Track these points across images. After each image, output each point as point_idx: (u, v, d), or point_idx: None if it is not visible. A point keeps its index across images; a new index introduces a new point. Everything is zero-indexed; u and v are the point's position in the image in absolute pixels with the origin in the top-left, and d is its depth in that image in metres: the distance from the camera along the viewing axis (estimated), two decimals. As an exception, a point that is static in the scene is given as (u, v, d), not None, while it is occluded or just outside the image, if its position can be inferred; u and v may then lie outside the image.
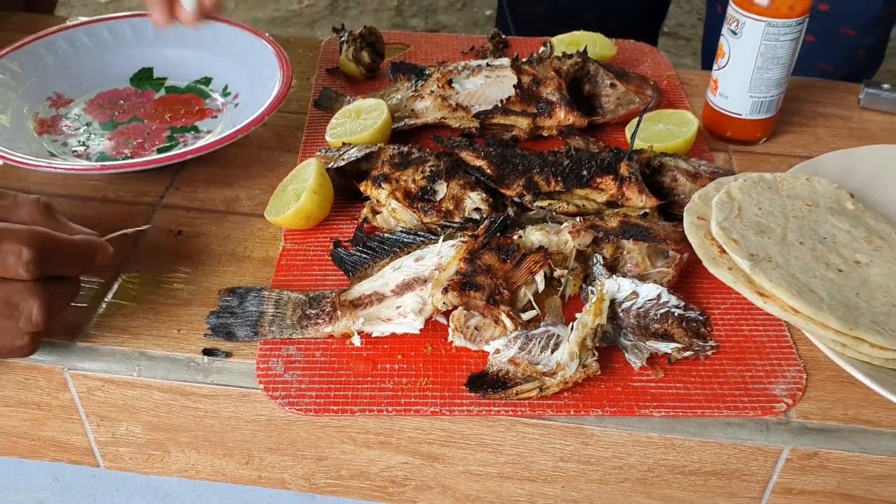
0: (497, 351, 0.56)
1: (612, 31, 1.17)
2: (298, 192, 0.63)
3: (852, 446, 0.55)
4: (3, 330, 0.50)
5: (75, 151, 0.72)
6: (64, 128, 0.75)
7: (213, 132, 0.74)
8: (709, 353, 0.58)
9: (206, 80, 0.81)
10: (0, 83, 0.74)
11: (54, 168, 0.66)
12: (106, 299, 0.60)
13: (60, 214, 0.54)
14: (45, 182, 0.70)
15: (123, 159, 0.71)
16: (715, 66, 0.77)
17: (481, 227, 0.59)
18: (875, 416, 0.56)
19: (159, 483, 0.74)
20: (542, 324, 0.57)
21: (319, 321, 0.57)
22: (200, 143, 0.72)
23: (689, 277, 0.64)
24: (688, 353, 0.58)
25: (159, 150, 0.73)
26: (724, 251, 0.59)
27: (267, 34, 0.82)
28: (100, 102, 0.79)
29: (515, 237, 0.60)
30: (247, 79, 0.79)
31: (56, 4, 1.11)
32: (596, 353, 0.55)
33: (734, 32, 0.73)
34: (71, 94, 0.78)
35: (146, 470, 0.63)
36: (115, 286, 0.61)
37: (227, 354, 0.57)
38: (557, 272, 0.58)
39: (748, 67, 0.73)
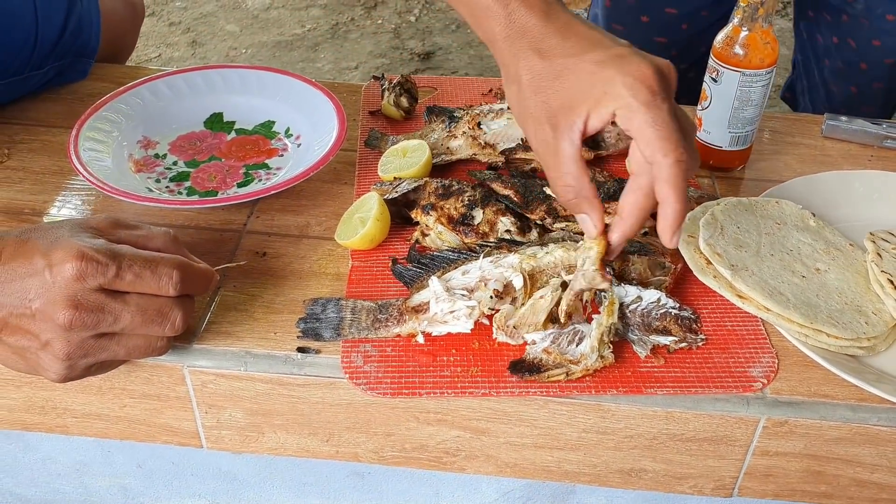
0: (533, 342, 0.70)
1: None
2: (364, 219, 0.77)
3: (814, 415, 0.67)
4: (151, 334, 0.63)
5: (168, 187, 0.86)
6: (156, 167, 0.88)
7: (283, 169, 0.88)
8: (700, 344, 0.71)
9: (270, 123, 0.95)
10: (102, 131, 0.88)
11: (166, 204, 0.81)
12: (211, 310, 0.74)
13: (182, 245, 0.68)
14: (145, 213, 0.83)
15: (208, 194, 0.85)
16: (699, 107, 0.91)
17: None
18: (832, 392, 0.68)
19: (229, 468, 0.87)
20: (571, 324, 0.71)
21: (389, 324, 0.71)
22: (275, 178, 0.86)
23: (682, 284, 0.76)
24: (683, 345, 0.70)
25: (239, 185, 0.86)
26: (710, 263, 0.73)
27: (315, 81, 0.96)
28: (180, 144, 0.92)
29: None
30: (306, 122, 0.92)
31: (129, 58, 1.24)
32: (611, 346, 0.69)
33: (714, 80, 0.87)
34: (156, 137, 0.92)
35: (242, 449, 0.76)
36: (217, 299, 0.75)
37: (317, 351, 0.70)
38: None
39: (727, 108, 0.88)
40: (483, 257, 0.74)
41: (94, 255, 0.59)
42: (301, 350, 0.70)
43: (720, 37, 0.86)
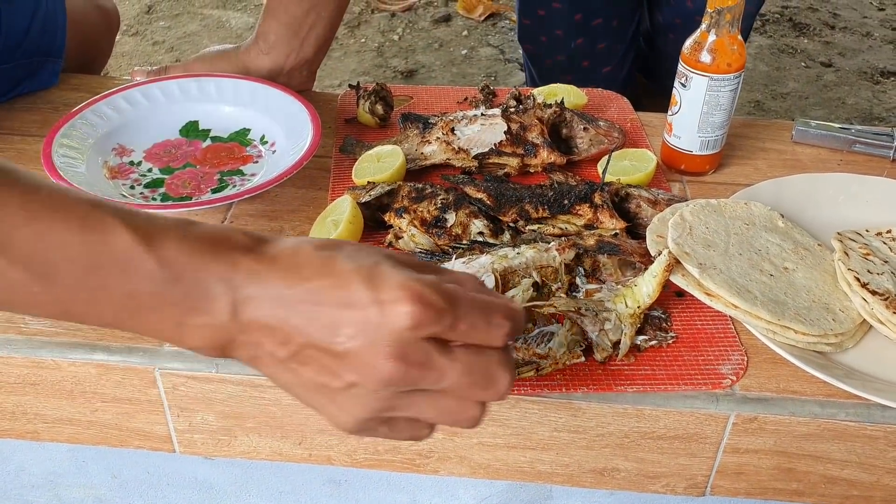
0: (502, 346, 0.71)
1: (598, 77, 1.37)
2: (337, 222, 0.78)
3: (783, 411, 0.68)
4: (469, 400, 0.50)
5: (142, 193, 0.86)
6: (131, 174, 0.89)
7: (258, 175, 0.89)
8: (670, 342, 0.71)
9: (245, 131, 0.95)
10: (76, 137, 0.88)
11: (139, 209, 0.80)
12: (183, 313, 0.74)
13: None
14: (119, 219, 0.84)
15: (183, 199, 0.86)
16: (669, 113, 0.92)
17: None
18: (800, 388, 0.69)
19: (205, 476, 0.86)
20: (536, 328, 0.72)
21: (361, 325, 0.71)
22: (249, 184, 0.86)
23: (652, 284, 0.78)
24: (653, 343, 0.71)
25: (213, 191, 0.87)
26: (678, 262, 0.74)
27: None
28: (156, 151, 0.92)
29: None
30: (281, 129, 0.93)
31: (104, 66, 1.25)
32: (582, 344, 0.70)
33: (684, 85, 0.89)
34: (131, 145, 0.92)
35: (215, 453, 0.76)
36: (189, 302, 0.75)
37: (288, 353, 0.71)
38: (555, 286, 0.73)
39: (696, 113, 0.89)
40: (455, 258, 0.74)
41: (433, 300, 0.47)
42: (272, 351, 0.70)
43: (688, 42, 0.87)
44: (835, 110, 2.72)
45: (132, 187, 0.87)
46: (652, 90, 1.53)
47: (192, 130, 0.95)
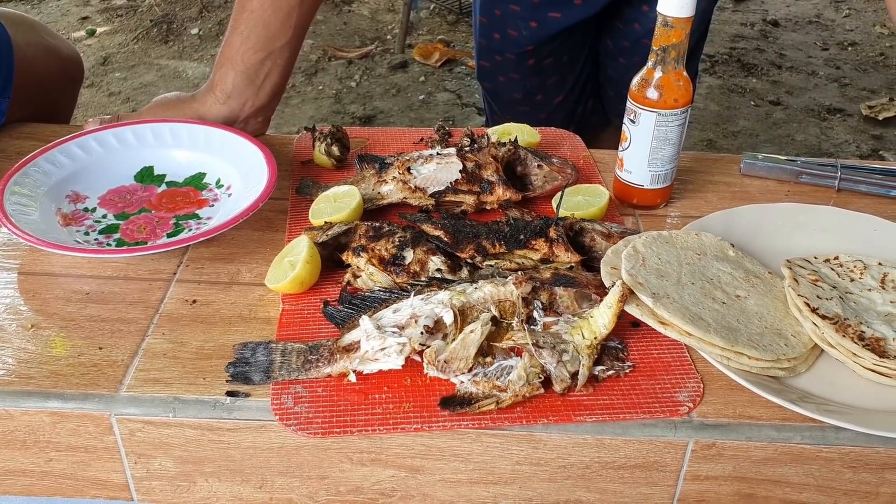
0: (461, 382, 0.71)
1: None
2: (294, 262, 0.78)
3: (741, 436, 0.68)
4: None
5: (97, 240, 0.85)
6: (85, 220, 0.88)
7: (214, 218, 0.89)
8: (627, 371, 0.72)
9: (201, 175, 0.95)
10: (28, 185, 0.87)
11: (92, 253, 0.80)
12: (139, 357, 0.73)
13: None
14: (73, 265, 0.83)
15: (137, 245, 0.85)
16: (620, 148, 0.94)
17: None
18: (757, 413, 0.70)
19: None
20: (495, 362, 0.72)
21: (320, 364, 0.71)
22: (205, 227, 0.86)
23: (609, 315, 0.79)
24: (611, 373, 0.72)
25: (169, 235, 0.86)
26: (633, 292, 0.76)
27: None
28: (110, 197, 0.92)
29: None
30: (236, 172, 0.93)
31: (72, 115, 1.24)
32: (541, 376, 0.71)
33: (633, 121, 0.91)
34: (85, 191, 0.92)
35: (174, 500, 0.74)
36: (145, 346, 0.75)
37: (247, 395, 0.70)
38: (515, 322, 0.73)
39: (646, 148, 0.91)
40: (414, 295, 0.75)
41: None
42: (230, 394, 0.70)
43: (636, 79, 0.90)
44: (784, 147, 2.80)
45: (86, 233, 0.86)
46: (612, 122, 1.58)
47: (147, 176, 0.95)
